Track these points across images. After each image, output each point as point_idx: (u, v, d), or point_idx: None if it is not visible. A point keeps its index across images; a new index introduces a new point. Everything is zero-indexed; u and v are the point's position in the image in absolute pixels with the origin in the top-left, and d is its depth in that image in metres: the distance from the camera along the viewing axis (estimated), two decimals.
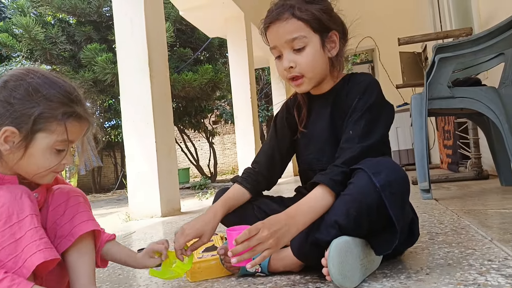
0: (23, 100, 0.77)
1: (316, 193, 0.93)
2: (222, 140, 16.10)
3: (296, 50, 1.01)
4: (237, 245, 0.83)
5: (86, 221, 0.87)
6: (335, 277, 0.84)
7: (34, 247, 0.73)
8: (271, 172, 1.17)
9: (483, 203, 1.83)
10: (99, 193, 10.22)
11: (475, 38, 2.02)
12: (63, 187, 0.91)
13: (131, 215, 2.85)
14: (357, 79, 1.05)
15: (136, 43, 2.85)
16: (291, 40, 1.00)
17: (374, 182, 0.85)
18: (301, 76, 1.03)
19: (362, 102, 0.99)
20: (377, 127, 0.97)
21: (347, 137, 0.98)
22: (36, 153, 0.79)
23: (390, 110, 1.03)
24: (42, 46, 7.94)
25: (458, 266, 0.93)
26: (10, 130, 0.76)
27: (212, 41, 8.63)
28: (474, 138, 3.00)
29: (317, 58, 1.02)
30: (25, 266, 0.72)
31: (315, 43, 1.01)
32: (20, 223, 0.74)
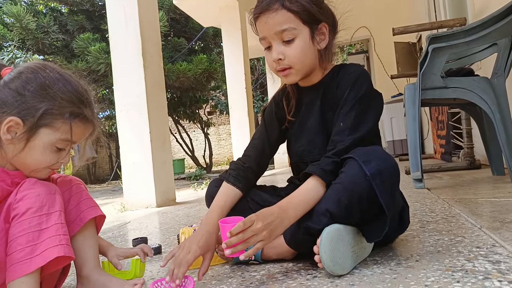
0: (35, 93, 0.78)
1: (307, 184, 0.95)
2: (217, 130, 16.08)
3: (285, 42, 1.00)
4: (231, 237, 0.83)
5: (92, 207, 0.92)
6: (327, 264, 0.85)
7: (56, 241, 0.75)
8: (260, 166, 1.16)
9: (474, 192, 1.85)
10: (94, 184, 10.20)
11: (468, 28, 2.03)
12: (64, 176, 0.95)
13: (126, 206, 2.86)
14: (347, 71, 1.05)
15: (129, 33, 2.83)
16: (280, 32, 0.99)
17: (364, 171, 0.86)
18: (289, 68, 1.03)
19: (353, 94, 0.99)
20: (367, 119, 0.98)
21: (338, 129, 0.99)
22: (37, 148, 0.80)
23: (380, 101, 1.04)
24: (34, 36, 7.83)
25: (447, 253, 0.95)
26: (14, 121, 0.77)
27: (207, 30, 8.56)
28: (467, 128, 3.03)
29: (306, 50, 1.02)
30: (42, 255, 0.73)
31: (304, 35, 1.01)
32: (49, 215, 0.77)
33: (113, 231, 1.95)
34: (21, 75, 0.80)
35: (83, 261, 0.89)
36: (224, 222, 0.88)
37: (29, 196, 0.76)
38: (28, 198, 0.75)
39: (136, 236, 1.68)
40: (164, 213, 2.45)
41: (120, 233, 1.89)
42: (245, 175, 1.12)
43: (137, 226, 2.02)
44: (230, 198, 1.09)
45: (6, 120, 0.76)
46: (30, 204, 0.75)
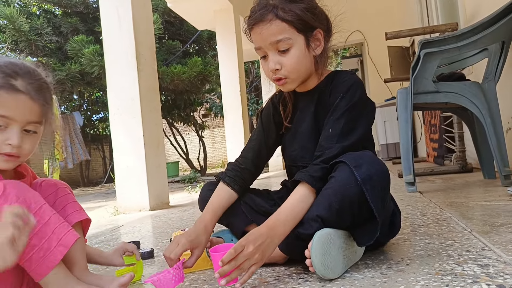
0: None
1: (296, 195, 0.94)
2: (212, 133, 16.07)
3: (281, 52, 1.00)
4: (224, 265, 0.82)
5: (78, 210, 0.92)
6: (318, 268, 0.86)
7: (64, 228, 0.79)
8: (257, 167, 1.17)
9: (465, 196, 1.87)
10: (87, 187, 10.13)
11: (459, 33, 2.05)
12: (48, 180, 0.94)
13: (119, 209, 2.85)
14: (341, 78, 1.06)
15: (123, 35, 2.82)
16: (275, 42, 0.99)
17: (355, 176, 0.87)
18: (285, 77, 1.03)
19: (344, 102, 1.00)
20: (356, 127, 0.99)
21: (326, 135, 0.99)
22: None
23: (371, 110, 1.04)
24: (27, 38, 7.78)
25: (437, 257, 0.96)
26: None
27: (201, 33, 8.57)
28: (459, 132, 3.06)
29: (302, 58, 1.02)
30: (62, 244, 0.77)
31: (300, 44, 1.01)
32: (40, 210, 0.77)
33: (106, 235, 1.94)
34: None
35: (72, 264, 0.89)
36: (215, 251, 0.86)
37: (11, 202, 0.74)
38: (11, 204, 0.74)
39: (128, 240, 1.67)
40: (157, 216, 2.44)
41: (113, 236, 1.88)
42: (241, 176, 1.13)
43: (130, 230, 2.02)
44: (225, 199, 1.09)
45: None
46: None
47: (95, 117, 11.39)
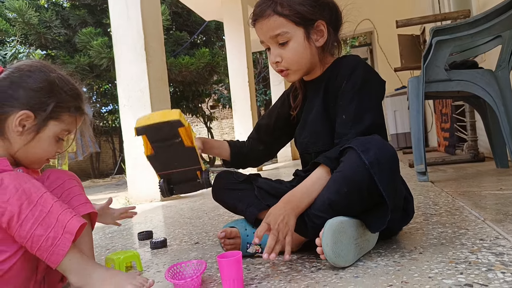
0: (44, 90, 0.86)
1: (312, 176, 0.98)
2: (220, 124, 16.08)
3: (281, 45, 1.04)
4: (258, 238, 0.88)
5: (84, 203, 0.91)
6: (329, 256, 0.86)
7: (67, 215, 0.78)
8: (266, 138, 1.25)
9: (478, 185, 1.85)
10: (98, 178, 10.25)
11: (472, 20, 2.01)
12: (56, 171, 0.94)
13: (131, 200, 2.88)
14: (343, 62, 1.08)
15: (131, 27, 2.82)
16: (274, 36, 1.04)
17: (363, 160, 0.87)
18: (286, 69, 1.07)
19: (350, 85, 1.01)
20: (368, 109, 1.00)
21: (340, 122, 1.01)
22: (45, 139, 0.87)
23: (379, 86, 1.05)
24: (36, 31, 7.83)
25: (451, 245, 0.96)
26: (26, 114, 0.83)
27: (209, 24, 8.54)
28: (471, 121, 3.02)
29: (301, 51, 1.05)
30: (67, 231, 0.77)
31: (298, 37, 1.04)
32: (42, 199, 0.77)
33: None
34: (31, 73, 0.86)
35: None
36: (222, 257, 0.86)
37: (10, 195, 0.75)
38: (11, 197, 0.75)
39: (141, 230, 1.69)
40: (168, 207, 2.47)
41: (125, 227, 1.91)
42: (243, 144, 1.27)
43: (141, 220, 2.04)
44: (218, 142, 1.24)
45: (18, 114, 0.83)
46: (18, 200, 0.75)
47: (104, 109, 11.47)
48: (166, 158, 0.97)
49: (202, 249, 1.25)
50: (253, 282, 0.88)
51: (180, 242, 1.39)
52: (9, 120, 0.83)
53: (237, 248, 1.06)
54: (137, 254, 1.10)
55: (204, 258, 1.13)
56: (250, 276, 0.92)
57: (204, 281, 0.93)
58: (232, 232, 1.06)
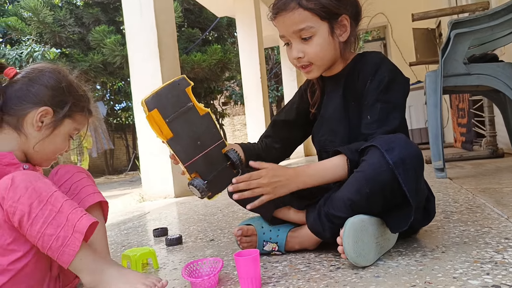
0: (64, 89, 0.91)
1: (329, 160, 0.97)
2: (232, 121, 16.11)
3: (304, 40, 1.00)
4: (239, 183, 0.91)
5: (92, 193, 0.92)
6: (350, 255, 0.84)
7: (78, 214, 0.78)
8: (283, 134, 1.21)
9: (498, 182, 1.81)
10: (112, 175, 10.38)
11: (493, 12, 1.96)
12: (64, 166, 0.97)
13: (145, 196, 2.90)
14: (367, 60, 1.04)
15: (144, 24, 2.83)
16: (298, 31, 0.99)
17: (387, 159, 0.84)
18: (310, 65, 1.03)
19: (375, 84, 0.98)
20: (393, 109, 0.97)
21: (366, 123, 0.98)
22: (60, 136, 0.92)
23: (404, 84, 1.01)
24: (51, 29, 7.94)
25: (474, 244, 0.93)
26: (47, 110, 0.88)
27: (221, 20, 8.53)
28: (490, 116, 2.95)
29: (326, 46, 1.01)
30: (77, 230, 0.76)
31: (323, 32, 1.00)
32: (52, 197, 0.77)
33: (133, 222, 1.98)
34: (51, 74, 0.91)
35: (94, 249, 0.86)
36: (239, 255, 0.85)
37: (20, 194, 0.75)
38: (21, 196, 0.75)
39: (155, 226, 1.70)
40: (182, 203, 2.47)
41: (140, 223, 1.92)
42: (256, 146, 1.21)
43: (156, 217, 2.05)
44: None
45: (40, 110, 0.87)
46: (28, 199, 0.75)
47: (117, 107, 11.59)
48: (187, 136, 0.90)
49: (218, 246, 1.24)
50: (270, 280, 0.87)
51: (195, 239, 1.38)
52: (29, 115, 0.87)
53: (254, 246, 1.05)
54: (153, 251, 1.10)
55: (220, 255, 1.13)
56: (267, 274, 0.91)
57: (220, 279, 0.92)
58: (248, 230, 1.05)
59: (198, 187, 0.90)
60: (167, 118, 0.88)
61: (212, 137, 0.94)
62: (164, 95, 0.88)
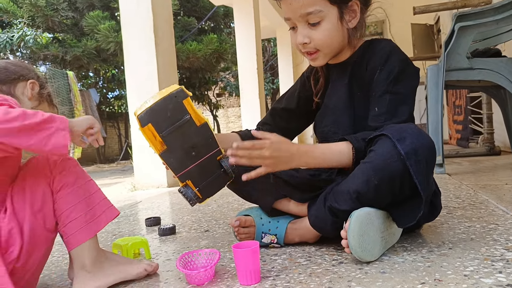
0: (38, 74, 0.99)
1: (335, 145, 0.91)
2: (226, 113, 16.00)
3: (311, 25, 0.94)
4: (239, 150, 0.83)
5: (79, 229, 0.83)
6: (355, 250, 0.80)
7: (107, 202, 0.86)
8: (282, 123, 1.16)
9: (498, 179, 1.78)
10: (104, 164, 10.26)
11: (498, 6, 1.92)
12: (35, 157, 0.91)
13: (137, 185, 2.83)
14: (376, 48, 0.99)
15: (140, 8, 2.74)
16: (305, 15, 0.93)
17: (398, 149, 0.79)
18: (316, 51, 0.97)
19: (384, 75, 0.93)
20: (403, 101, 0.92)
21: (373, 115, 0.94)
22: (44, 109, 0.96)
23: (415, 75, 0.97)
24: (44, 13, 7.74)
25: (482, 241, 0.90)
26: (35, 83, 0.95)
27: (217, 10, 8.41)
28: (488, 113, 2.93)
29: (334, 32, 0.95)
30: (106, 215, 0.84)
31: (332, 17, 0.94)
32: (89, 183, 0.85)
33: (125, 210, 1.92)
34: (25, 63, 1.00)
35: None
36: (237, 247, 0.81)
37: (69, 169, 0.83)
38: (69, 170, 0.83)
39: (148, 216, 1.64)
40: (175, 193, 2.42)
41: (132, 212, 1.86)
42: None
43: (148, 206, 1.99)
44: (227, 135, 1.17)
45: (30, 80, 0.94)
46: (75, 174, 0.83)
47: (110, 95, 11.43)
48: (181, 148, 0.86)
49: (213, 237, 1.20)
50: (270, 274, 0.82)
51: (189, 230, 1.33)
52: (19, 86, 0.93)
53: (251, 238, 1.00)
54: (146, 241, 1.06)
55: (216, 247, 1.08)
56: (266, 268, 0.86)
57: (217, 271, 0.87)
58: (247, 220, 1.00)
59: (187, 196, 0.88)
60: (162, 132, 0.84)
61: (208, 147, 0.89)
62: (160, 109, 0.82)
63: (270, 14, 5.93)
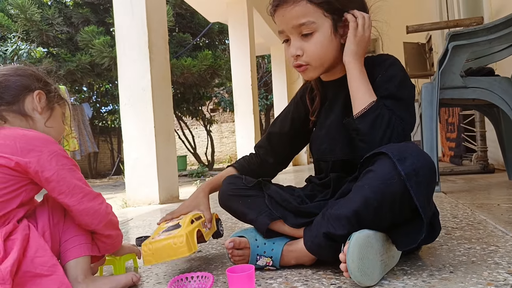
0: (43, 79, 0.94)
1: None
2: (220, 128, 15.98)
3: (304, 36, 0.94)
4: None
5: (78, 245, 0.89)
6: (354, 274, 0.77)
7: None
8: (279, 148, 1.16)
9: (494, 198, 1.77)
10: (95, 179, 10.13)
11: (491, 26, 1.94)
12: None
13: (128, 202, 2.78)
14: (376, 61, 0.98)
15: (135, 23, 2.74)
16: (298, 26, 0.93)
17: (399, 170, 0.77)
18: (306, 64, 0.96)
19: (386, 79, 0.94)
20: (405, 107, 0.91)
21: None
22: (58, 117, 0.95)
23: (413, 89, 0.96)
24: (38, 27, 7.74)
25: (484, 264, 0.87)
26: (41, 92, 0.91)
27: (212, 27, 8.47)
28: (481, 131, 2.94)
29: (326, 45, 0.94)
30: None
31: (325, 29, 0.93)
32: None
33: None
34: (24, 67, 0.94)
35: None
36: (232, 271, 0.78)
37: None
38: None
39: (139, 234, 1.60)
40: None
41: (123, 230, 1.80)
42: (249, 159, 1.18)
43: (140, 224, 1.94)
44: (223, 173, 1.16)
45: (35, 92, 0.90)
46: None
47: (104, 109, 11.37)
48: None
49: (206, 258, 1.15)
50: None
51: None
52: (27, 101, 0.89)
53: (246, 260, 0.97)
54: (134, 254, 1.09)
55: (209, 269, 1.04)
56: None
57: None
58: (241, 242, 0.96)
59: None
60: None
61: None
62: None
63: (264, 31, 5.99)
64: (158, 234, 0.97)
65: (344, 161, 1.00)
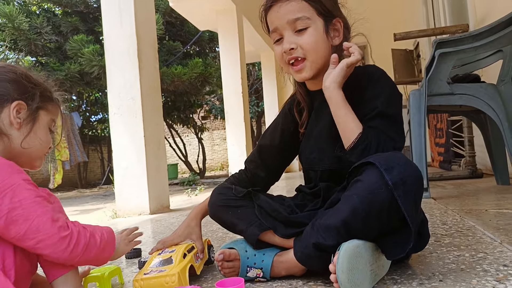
0: (26, 80, 0.83)
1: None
2: (211, 135, 15.96)
3: (298, 32, 0.96)
4: None
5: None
6: (344, 285, 0.77)
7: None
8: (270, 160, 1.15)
9: (483, 203, 1.79)
10: (85, 188, 10.01)
11: (477, 33, 1.98)
12: None
13: (118, 212, 2.75)
14: (363, 72, 0.99)
15: (124, 31, 2.73)
16: (293, 21, 0.95)
17: (386, 180, 0.78)
18: (303, 60, 0.97)
19: (373, 94, 0.94)
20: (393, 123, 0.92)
21: None
22: (40, 129, 0.84)
23: (401, 101, 0.97)
24: (26, 37, 7.68)
25: (472, 272, 0.87)
26: (19, 104, 0.80)
27: (202, 34, 8.50)
28: (469, 136, 2.98)
29: (320, 40, 0.96)
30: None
31: (318, 26, 0.96)
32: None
33: None
34: (5, 69, 0.82)
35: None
36: (221, 285, 0.78)
37: None
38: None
39: None
40: (158, 221, 2.34)
41: None
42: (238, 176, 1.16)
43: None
44: None
45: (12, 105, 0.79)
46: None
47: (93, 118, 11.29)
48: None
49: None
50: None
51: None
52: (3, 115, 0.79)
53: (236, 272, 0.96)
54: (119, 269, 1.07)
55: (198, 282, 1.03)
56: None
57: None
58: (231, 254, 0.95)
59: None
60: None
61: None
62: None
63: (254, 39, 6.02)
64: (149, 268, 0.94)
65: (332, 171, 1.00)
